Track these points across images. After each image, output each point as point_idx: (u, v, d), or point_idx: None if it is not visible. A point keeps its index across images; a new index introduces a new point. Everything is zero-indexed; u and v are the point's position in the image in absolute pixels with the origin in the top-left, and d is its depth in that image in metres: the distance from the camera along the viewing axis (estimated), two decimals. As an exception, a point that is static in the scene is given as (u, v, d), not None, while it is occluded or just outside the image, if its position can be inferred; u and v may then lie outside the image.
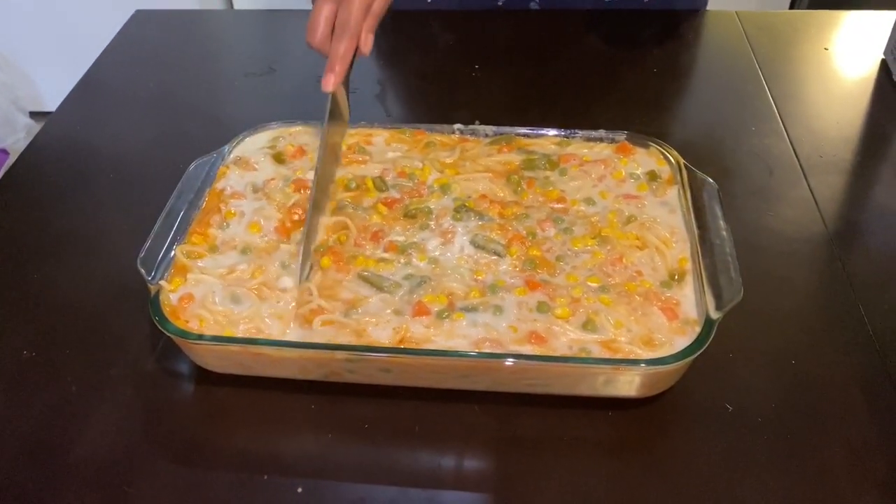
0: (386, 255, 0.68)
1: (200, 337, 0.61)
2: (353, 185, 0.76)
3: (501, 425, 0.63)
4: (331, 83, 0.73)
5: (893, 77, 0.99)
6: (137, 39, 1.14)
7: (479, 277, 0.66)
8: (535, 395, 0.64)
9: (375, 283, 0.66)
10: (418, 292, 0.65)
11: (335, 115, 0.76)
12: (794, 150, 0.89)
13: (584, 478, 0.60)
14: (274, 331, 0.63)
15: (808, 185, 0.85)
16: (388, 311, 0.64)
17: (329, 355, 0.61)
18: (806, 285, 0.74)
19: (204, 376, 0.66)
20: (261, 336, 0.63)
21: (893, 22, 1.00)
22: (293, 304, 0.65)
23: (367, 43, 0.75)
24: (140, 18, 1.18)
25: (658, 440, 0.63)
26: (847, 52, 1.07)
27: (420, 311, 0.64)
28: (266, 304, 0.65)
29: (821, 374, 0.66)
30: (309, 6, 0.78)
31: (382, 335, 0.62)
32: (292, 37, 1.15)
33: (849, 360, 0.67)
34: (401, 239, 0.70)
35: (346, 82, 0.77)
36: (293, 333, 0.63)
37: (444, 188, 0.75)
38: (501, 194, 0.76)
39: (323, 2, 0.74)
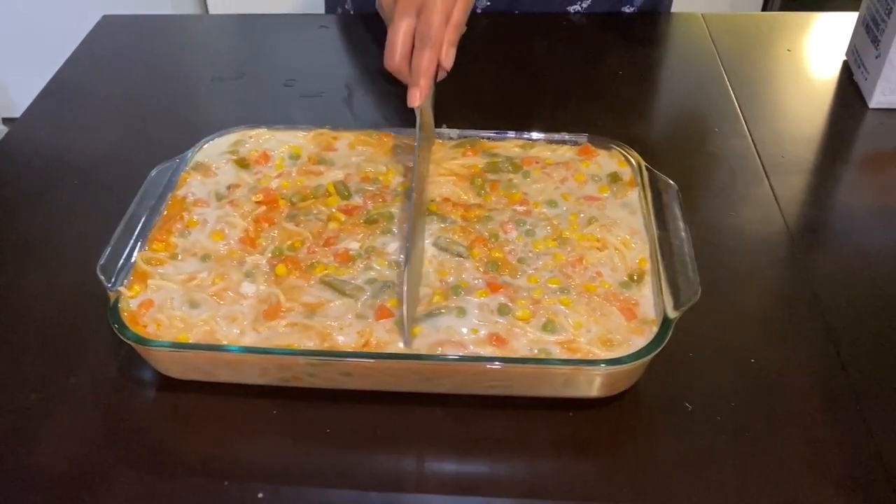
0: (336, 264, 0.68)
1: (155, 342, 0.61)
2: (311, 193, 0.75)
3: (463, 427, 0.63)
4: (417, 98, 0.72)
5: (854, 78, 1.00)
6: (104, 45, 1.13)
7: (444, 278, 0.66)
8: (497, 396, 0.64)
9: (338, 288, 0.66)
10: (381, 297, 0.65)
11: (421, 131, 0.74)
12: (756, 150, 0.90)
13: (545, 479, 0.60)
14: (231, 334, 0.63)
15: (770, 185, 0.86)
16: (350, 315, 0.64)
17: (286, 359, 0.61)
18: (766, 284, 0.75)
19: (166, 383, 0.66)
20: (216, 339, 0.62)
21: (854, 24, 1.01)
22: (253, 308, 0.65)
23: (449, 57, 0.74)
24: (107, 24, 1.17)
25: (619, 439, 0.63)
26: (810, 53, 1.08)
27: (383, 314, 0.64)
28: (224, 308, 0.65)
29: (780, 372, 0.67)
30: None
31: (346, 339, 0.62)
32: (262, 41, 1.15)
33: (807, 358, 0.68)
34: (355, 246, 0.69)
35: (432, 97, 0.76)
36: (252, 337, 0.63)
37: (409, 192, 0.75)
38: (465, 197, 0.76)
39: (400, 19, 0.73)
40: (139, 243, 0.70)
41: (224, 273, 0.67)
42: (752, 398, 0.65)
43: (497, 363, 0.60)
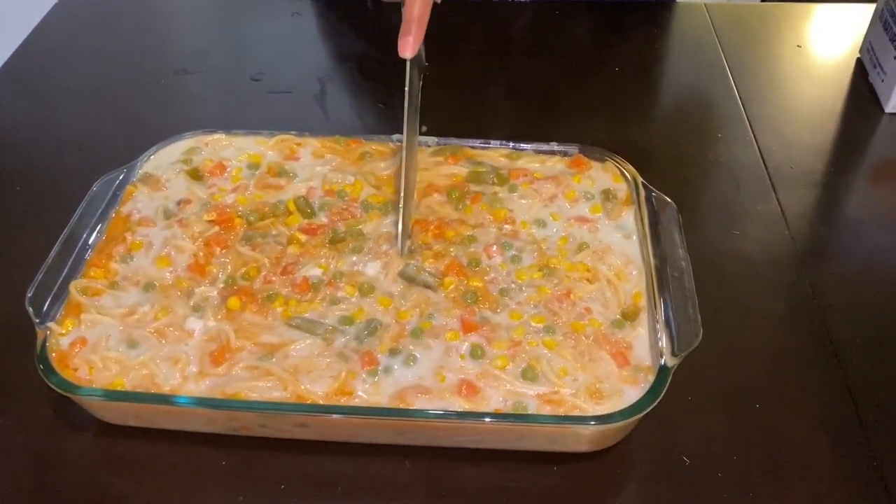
0: (297, 296, 0.61)
1: (85, 390, 0.54)
2: (271, 211, 0.68)
3: (434, 483, 0.57)
4: (409, 47, 0.64)
5: (870, 79, 0.93)
6: (59, 32, 1.05)
7: (402, 320, 0.59)
8: (471, 448, 0.57)
9: (308, 331, 0.59)
10: (366, 340, 0.58)
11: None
12: (763, 159, 0.83)
13: (524, 544, 0.54)
14: (173, 379, 0.56)
15: (777, 199, 0.79)
16: (321, 356, 0.57)
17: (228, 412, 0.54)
18: (772, 315, 0.68)
19: (104, 427, 0.59)
20: (156, 384, 0.55)
21: (870, 18, 0.93)
22: (199, 347, 0.58)
23: None
24: (63, 8, 1.08)
25: (609, 498, 0.57)
26: (821, 49, 1.00)
27: (368, 361, 0.57)
28: (167, 348, 0.57)
29: (787, 419, 0.60)
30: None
31: (313, 386, 0.55)
32: (231, 28, 1.06)
33: (818, 403, 0.61)
34: (315, 273, 0.62)
35: (420, 55, 0.68)
36: (196, 384, 0.56)
37: (384, 207, 0.68)
38: (442, 212, 0.69)
39: None
40: (75, 270, 0.62)
41: (168, 306, 0.60)
42: (757, 450, 0.58)
43: (468, 419, 0.53)
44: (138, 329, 0.59)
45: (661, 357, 0.56)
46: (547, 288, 0.61)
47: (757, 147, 0.85)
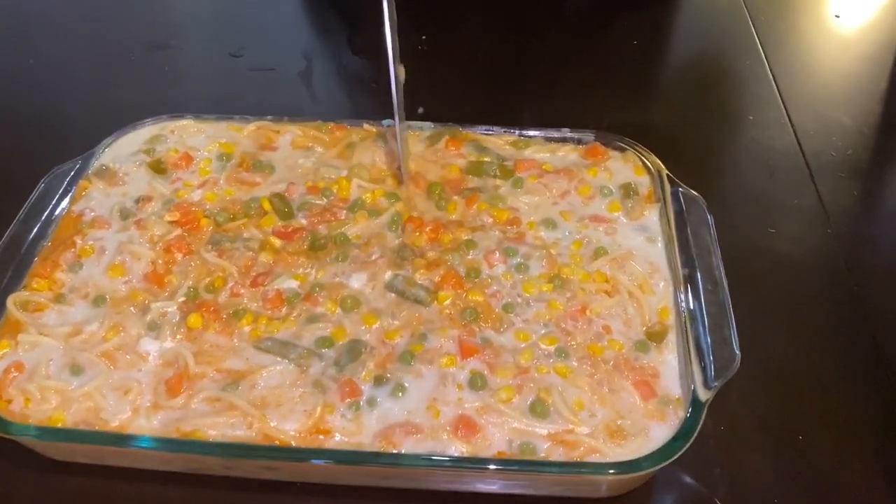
0: (268, 312, 0.53)
1: (16, 427, 0.47)
2: (242, 210, 0.59)
3: (427, 532, 0.49)
4: None
5: (918, 53, 0.83)
6: (19, 5, 0.96)
7: (390, 341, 0.51)
8: (471, 492, 0.49)
9: (280, 354, 0.51)
10: (347, 365, 0.50)
11: None
12: (799, 145, 0.75)
13: None
14: (122, 412, 0.48)
15: (817, 191, 0.71)
16: (294, 386, 0.49)
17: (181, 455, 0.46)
18: (816, 328, 0.60)
19: (51, 464, 0.52)
20: (102, 419, 0.48)
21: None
22: (154, 374, 0.50)
23: None
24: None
25: (628, 549, 0.49)
26: (863, 20, 0.91)
27: (350, 392, 0.48)
28: (116, 375, 0.50)
29: (835, 454, 0.53)
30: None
31: (283, 424, 0.47)
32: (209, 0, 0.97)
33: (871, 435, 0.53)
34: (291, 285, 0.54)
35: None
36: (148, 419, 0.48)
37: (373, 211, 0.59)
38: (437, 212, 0.60)
39: None
40: (17, 279, 0.54)
41: (120, 324, 0.52)
42: (800, 491, 0.51)
43: (466, 467, 0.45)
44: (84, 352, 0.51)
45: (692, 387, 0.48)
46: (558, 303, 0.53)
47: (793, 131, 0.77)
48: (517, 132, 0.66)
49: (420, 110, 0.69)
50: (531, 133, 0.65)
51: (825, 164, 0.73)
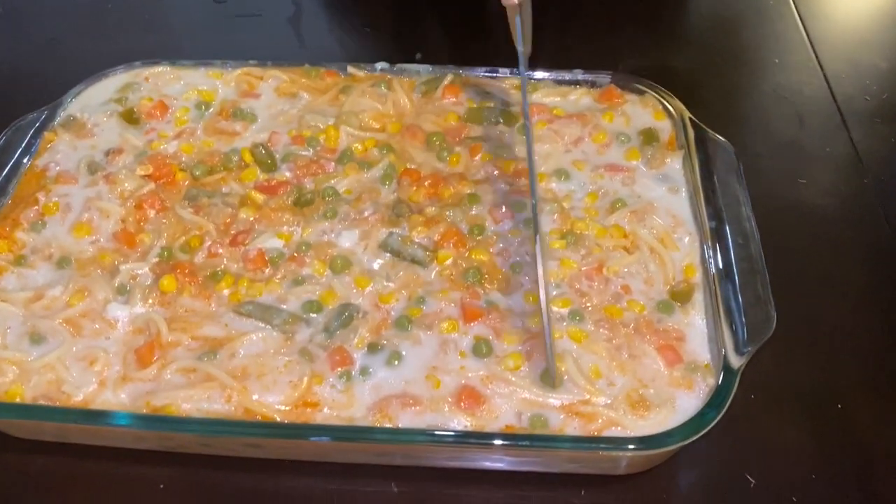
0: (249, 274, 0.48)
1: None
2: (221, 163, 0.55)
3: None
4: None
5: (959, -12, 0.77)
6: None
7: (385, 305, 0.46)
8: (476, 469, 0.45)
9: (262, 320, 0.46)
10: (337, 332, 0.45)
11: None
12: (830, 90, 0.71)
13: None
14: (87, 384, 0.44)
15: (850, 139, 0.67)
16: (278, 355, 0.44)
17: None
18: (854, 289, 0.56)
19: (15, 441, 0.47)
20: (64, 392, 0.44)
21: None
22: (124, 342, 0.45)
23: None
24: None
25: (650, 530, 0.44)
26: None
27: (341, 360, 0.44)
28: (81, 343, 0.45)
29: (877, 424, 0.48)
30: None
31: (267, 396, 0.43)
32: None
33: (917, 403, 0.48)
34: (275, 245, 0.49)
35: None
36: (116, 391, 0.43)
37: (364, 164, 0.54)
38: (438, 164, 0.55)
39: None
40: (-27, 239, 0.50)
41: (86, 288, 0.48)
42: (840, 467, 0.47)
43: (470, 443, 0.40)
44: (46, 319, 0.47)
45: (723, 352, 0.43)
46: (572, 261, 0.49)
47: (823, 75, 0.72)
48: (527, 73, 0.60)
49: (418, 56, 0.65)
50: (539, 75, 0.60)
51: (858, 109, 0.68)
